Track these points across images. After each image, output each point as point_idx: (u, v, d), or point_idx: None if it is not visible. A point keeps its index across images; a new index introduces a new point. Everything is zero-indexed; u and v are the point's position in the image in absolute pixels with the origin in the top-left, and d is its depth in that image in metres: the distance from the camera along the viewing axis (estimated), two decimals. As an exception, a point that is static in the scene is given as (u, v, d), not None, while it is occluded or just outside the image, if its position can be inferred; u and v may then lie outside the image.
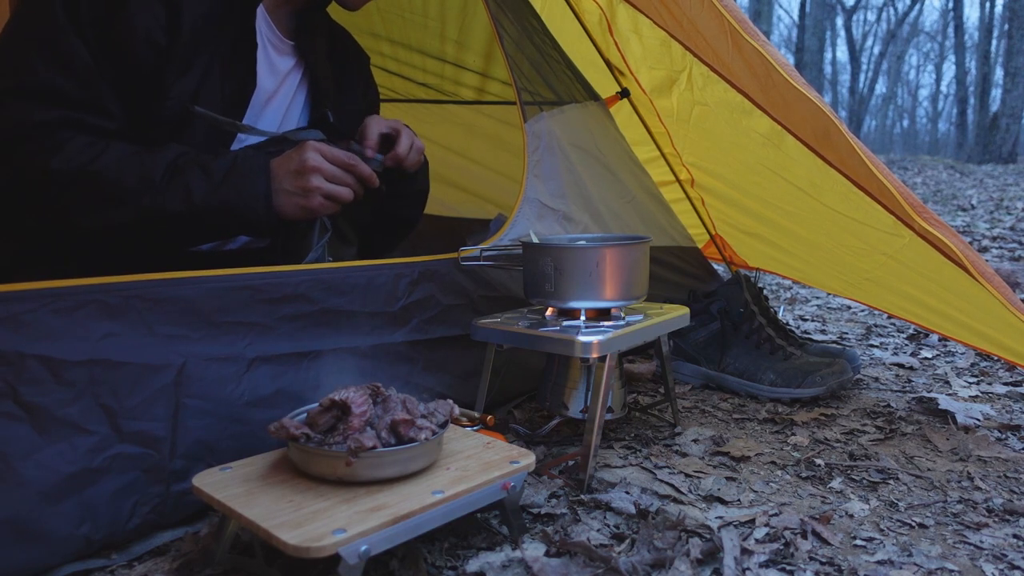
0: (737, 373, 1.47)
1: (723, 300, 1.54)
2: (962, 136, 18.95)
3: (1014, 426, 1.28)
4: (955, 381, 1.55)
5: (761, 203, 1.83)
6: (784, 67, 1.20)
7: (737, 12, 1.24)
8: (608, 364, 1.02)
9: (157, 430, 0.85)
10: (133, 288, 0.86)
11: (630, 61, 1.82)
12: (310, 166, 1.03)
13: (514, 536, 0.86)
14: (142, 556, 0.83)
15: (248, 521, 0.70)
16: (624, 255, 1.06)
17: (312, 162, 1.03)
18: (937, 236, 1.17)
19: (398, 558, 0.80)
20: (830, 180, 1.47)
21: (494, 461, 0.85)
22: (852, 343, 1.93)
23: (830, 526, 0.91)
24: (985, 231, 4.31)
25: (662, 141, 1.98)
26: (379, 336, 1.10)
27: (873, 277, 1.59)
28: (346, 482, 0.77)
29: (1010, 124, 12.23)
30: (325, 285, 1.03)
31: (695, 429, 1.25)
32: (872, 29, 30.78)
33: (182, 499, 0.87)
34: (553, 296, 1.07)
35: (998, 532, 0.91)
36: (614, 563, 0.78)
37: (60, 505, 0.77)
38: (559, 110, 1.51)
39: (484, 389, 1.15)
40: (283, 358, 0.98)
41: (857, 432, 1.25)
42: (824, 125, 1.26)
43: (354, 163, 1.09)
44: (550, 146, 1.43)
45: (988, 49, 17.69)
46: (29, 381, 0.77)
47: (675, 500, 0.98)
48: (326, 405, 0.81)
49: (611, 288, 1.05)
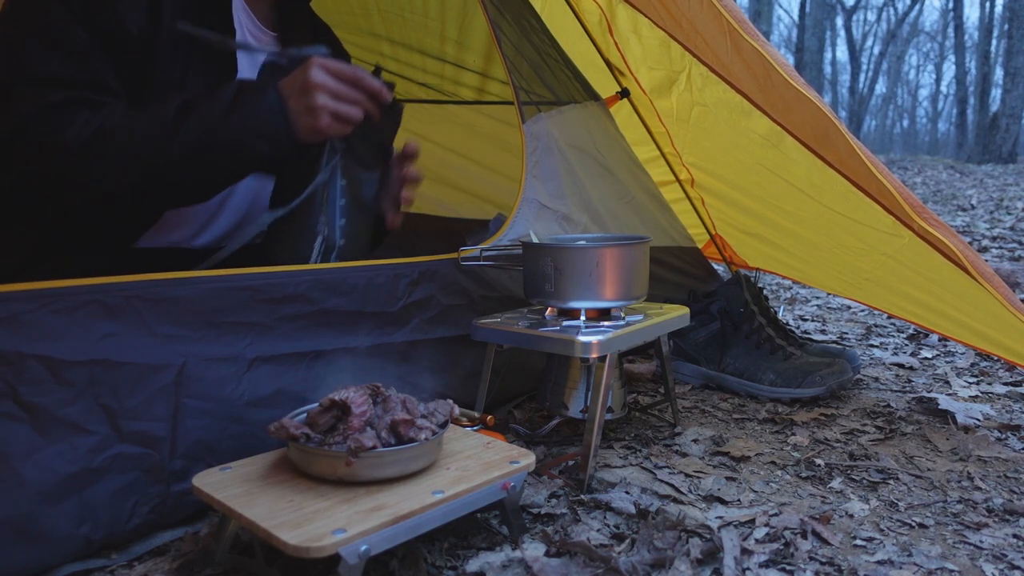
0: (737, 373, 1.47)
1: (723, 300, 1.54)
2: (962, 136, 18.95)
3: (1014, 426, 1.28)
4: (955, 381, 1.55)
5: (761, 203, 1.83)
6: (783, 67, 1.20)
7: (736, 12, 1.24)
8: (608, 364, 1.02)
9: (157, 430, 0.85)
10: (133, 288, 0.86)
11: (630, 61, 1.82)
12: (314, 83, 0.99)
13: (514, 536, 0.86)
14: (142, 556, 0.83)
15: (248, 521, 0.70)
16: (624, 255, 1.06)
17: (316, 79, 1.00)
18: (937, 236, 1.17)
19: (398, 558, 0.80)
20: (829, 180, 1.48)
21: (494, 461, 0.85)
22: (852, 343, 1.93)
23: (830, 526, 0.91)
24: (985, 231, 4.31)
25: (662, 141, 1.98)
26: (379, 336, 1.10)
27: (873, 277, 1.59)
28: (346, 482, 0.77)
29: (1010, 124, 12.23)
30: (325, 285, 1.03)
31: (695, 429, 1.25)
32: (872, 29, 30.78)
33: (182, 499, 0.87)
34: (553, 296, 1.07)
35: (998, 532, 0.91)
36: (614, 563, 0.79)
37: (60, 505, 0.77)
38: (558, 111, 1.51)
39: (484, 389, 1.15)
40: (283, 358, 0.98)
41: (857, 432, 1.25)
42: (823, 125, 1.26)
43: (361, 76, 1.04)
44: (549, 147, 1.43)
45: (988, 49, 17.69)
46: (29, 381, 0.77)
47: (675, 500, 0.98)
48: (326, 405, 0.81)
49: (611, 288, 1.06)
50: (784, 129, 1.52)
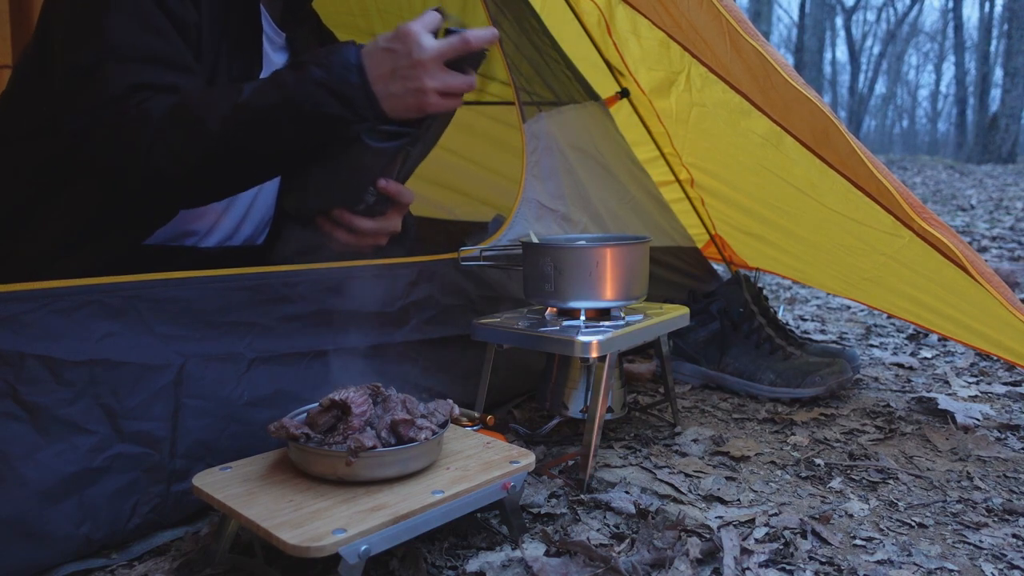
0: (737, 373, 1.47)
1: (723, 300, 1.54)
2: (961, 136, 18.97)
3: (1013, 426, 1.28)
4: (955, 381, 1.55)
5: (761, 203, 1.83)
6: (783, 67, 1.20)
7: (736, 12, 1.24)
8: (608, 364, 1.02)
9: (157, 430, 0.85)
10: (133, 288, 0.86)
11: (629, 62, 1.82)
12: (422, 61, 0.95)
13: (514, 536, 0.86)
14: (142, 556, 0.83)
15: (248, 521, 0.70)
16: (624, 255, 1.06)
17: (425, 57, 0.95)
18: (936, 236, 1.17)
19: (398, 558, 0.80)
20: (829, 181, 1.48)
21: (494, 461, 0.85)
22: (852, 343, 1.93)
23: (830, 526, 0.91)
24: (985, 231, 4.31)
25: (662, 141, 1.98)
26: (378, 336, 1.10)
27: (872, 277, 1.59)
28: (346, 482, 0.77)
29: (1009, 124, 12.24)
30: (324, 285, 1.03)
31: (695, 429, 1.26)
32: (872, 29, 30.80)
33: (182, 499, 0.87)
34: (553, 296, 1.07)
35: (997, 532, 0.91)
36: (614, 563, 0.79)
37: (60, 505, 0.78)
38: (558, 111, 1.51)
39: (484, 389, 1.15)
40: (283, 358, 0.98)
41: (857, 432, 1.25)
42: (823, 125, 1.26)
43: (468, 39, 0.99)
44: (549, 147, 1.43)
45: (988, 49, 17.71)
46: (29, 381, 0.77)
47: (675, 500, 0.98)
48: (326, 405, 0.81)
49: (611, 288, 1.06)
50: (784, 129, 1.52)
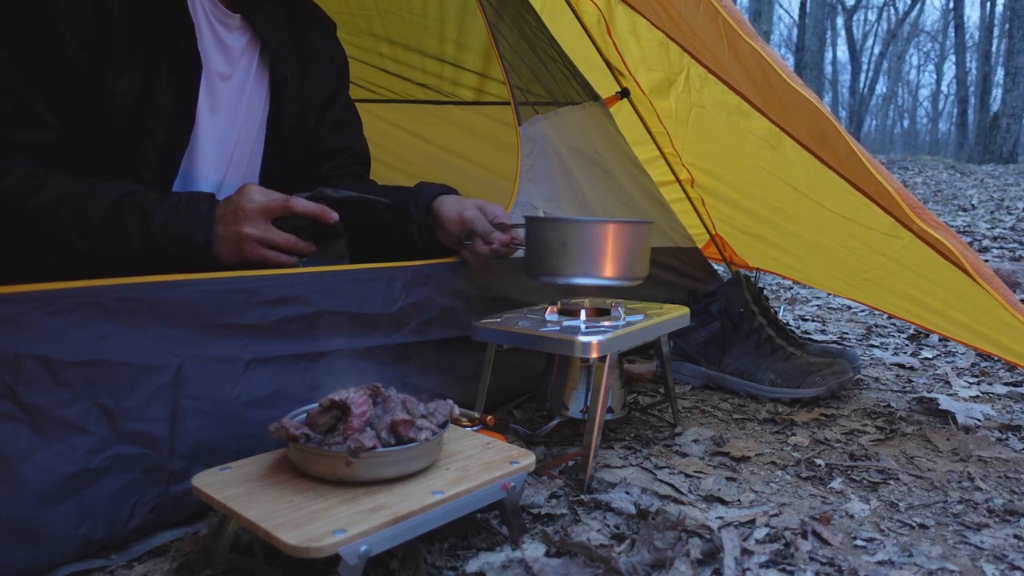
0: (737, 373, 1.47)
1: (723, 300, 1.54)
2: (962, 136, 18.95)
3: (1014, 426, 1.28)
4: (955, 381, 1.55)
5: (760, 204, 1.83)
6: (782, 68, 1.20)
7: (735, 12, 1.24)
8: (608, 364, 1.02)
9: (156, 430, 0.85)
10: (130, 290, 0.86)
11: (628, 62, 1.82)
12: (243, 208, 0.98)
13: (514, 536, 0.86)
14: (142, 556, 0.83)
15: (248, 521, 0.70)
16: (629, 233, 1.06)
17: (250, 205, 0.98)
18: (936, 237, 1.17)
19: (398, 558, 0.80)
20: (828, 181, 1.48)
21: (494, 461, 0.85)
22: (852, 343, 1.93)
23: (830, 526, 0.91)
24: (986, 231, 4.31)
25: (662, 141, 1.98)
26: (377, 338, 1.10)
27: (873, 277, 1.59)
28: (346, 482, 0.77)
29: (1011, 124, 12.22)
30: (322, 287, 1.03)
31: (695, 429, 1.25)
32: (872, 29, 30.78)
33: (182, 499, 0.87)
34: (557, 272, 1.06)
35: (998, 532, 0.91)
36: (614, 563, 0.78)
37: (59, 505, 0.77)
38: (555, 113, 1.51)
39: (484, 389, 1.15)
40: (280, 360, 0.98)
41: (857, 432, 1.25)
42: (822, 127, 1.26)
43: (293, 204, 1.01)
44: (544, 149, 1.43)
45: (989, 49, 17.69)
46: (27, 382, 0.77)
47: (675, 500, 0.98)
48: (326, 405, 0.81)
49: (615, 266, 1.05)
50: (783, 130, 1.52)
